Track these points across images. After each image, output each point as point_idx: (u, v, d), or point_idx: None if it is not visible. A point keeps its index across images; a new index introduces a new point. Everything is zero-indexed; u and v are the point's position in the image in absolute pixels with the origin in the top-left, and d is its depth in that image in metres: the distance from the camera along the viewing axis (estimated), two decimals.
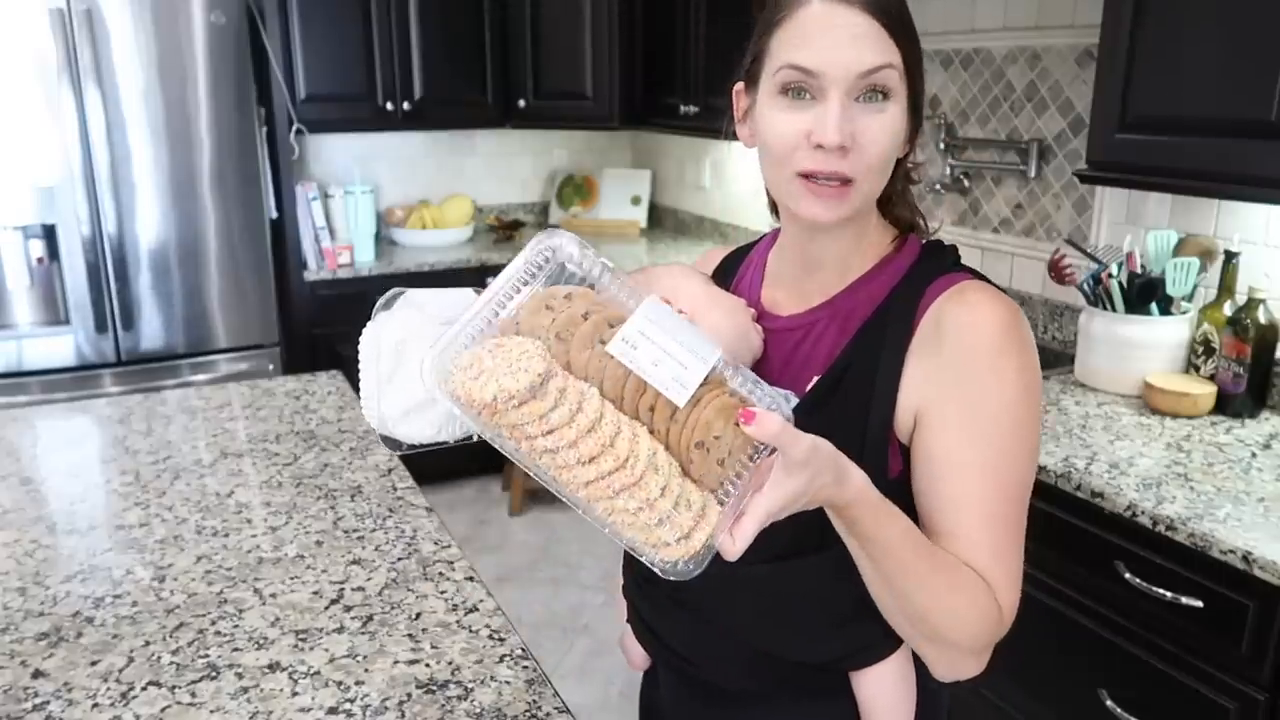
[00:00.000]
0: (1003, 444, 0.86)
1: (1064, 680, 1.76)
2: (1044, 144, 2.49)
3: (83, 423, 2.01)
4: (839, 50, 0.82)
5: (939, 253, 0.95)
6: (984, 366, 0.86)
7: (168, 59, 3.06)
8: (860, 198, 0.87)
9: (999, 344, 0.86)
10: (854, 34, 0.82)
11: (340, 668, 1.13)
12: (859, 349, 0.90)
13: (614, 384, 0.73)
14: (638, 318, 0.72)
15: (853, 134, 0.83)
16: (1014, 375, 0.86)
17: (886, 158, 0.86)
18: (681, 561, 0.72)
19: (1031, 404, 0.87)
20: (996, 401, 0.85)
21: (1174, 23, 1.76)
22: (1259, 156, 1.64)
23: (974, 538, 0.85)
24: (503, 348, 0.72)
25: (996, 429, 0.85)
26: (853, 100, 0.83)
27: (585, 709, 2.62)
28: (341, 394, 2.15)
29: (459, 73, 3.81)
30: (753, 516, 0.71)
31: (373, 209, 3.82)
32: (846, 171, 0.84)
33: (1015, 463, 0.86)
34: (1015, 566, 0.88)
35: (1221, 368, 1.94)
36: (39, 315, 3.11)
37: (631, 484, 0.70)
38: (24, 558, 1.40)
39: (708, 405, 0.72)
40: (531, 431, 0.70)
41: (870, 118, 0.84)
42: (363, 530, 1.49)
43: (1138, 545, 1.59)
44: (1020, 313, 0.89)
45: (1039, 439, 0.89)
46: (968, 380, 0.86)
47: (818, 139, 0.83)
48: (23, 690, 1.09)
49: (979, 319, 0.87)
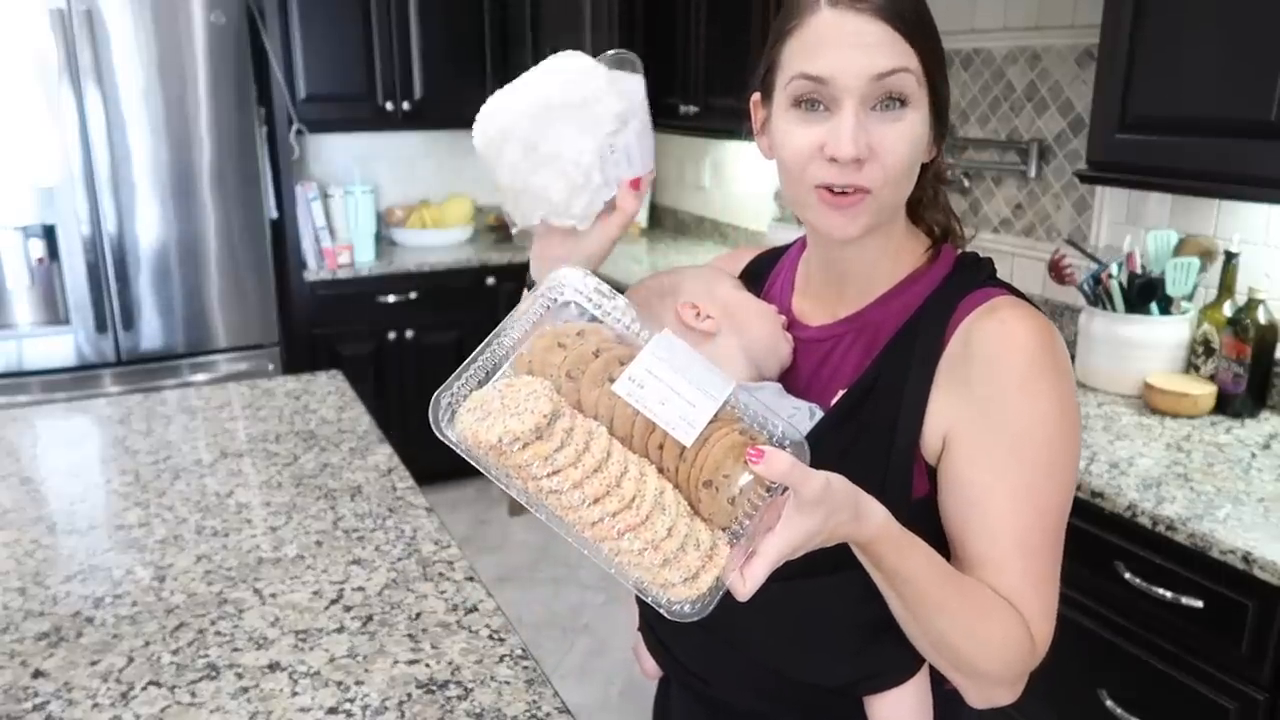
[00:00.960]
0: (1035, 470, 0.83)
1: (1064, 680, 1.76)
2: (1044, 144, 2.49)
3: (83, 423, 2.01)
4: (851, 57, 0.79)
5: (973, 266, 0.91)
6: (1014, 389, 0.82)
7: (168, 59, 3.06)
8: (880, 209, 0.84)
9: (1031, 365, 0.83)
10: (866, 40, 0.79)
11: (340, 668, 1.13)
12: (887, 363, 0.87)
13: (623, 423, 0.72)
14: (645, 355, 0.71)
15: (869, 145, 0.80)
16: (1047, 397, 0.83)
17: (906, 167, 0.83)
18: (688, 603, 0.71)
19: (1067, 426, 0.84)
20: (1028, 425, 0.82)
21: (1174, 23, 1.76)
22: (1259, 156, 1.64)
23: (1007, 566, 0.83)
24: (512, 388, 0.72)
25: (1029, 454, 0.83)
26: (869, 109, 0.81)
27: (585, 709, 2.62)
28: (341, 394, 2.15)
29: (459, 73, 3.81)
30: (764, 557, 0.69)
31: (373, 209, 3.82)
32: (864, 183, 0.82)
33: (1050, 488, 0.83)
34: (1050, 595, 0.85)
35: (1221, 368, 1.94)
36: (39, 315, 3.11)
37: (637, 524, 0.69)
38: (24, 558, 1.40)
39: (716, 444, 0.70)
40: (537, 472, 0.69)
41: (888, 127, 0.81)
42: (363, 530, 1.49)
43: (1138, 545, 1.59)
44: (1054, 331, 0.86)
45: (1077, 461, 0.86)
46: (997, 404, 0.83)
47: (831, 151, 0.80)
48: (23, 690, 1.09)
49: (1010, 339, 0.83)
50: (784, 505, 0.70)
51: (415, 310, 3.70)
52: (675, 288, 0.95)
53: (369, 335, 3.65)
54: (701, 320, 0.92)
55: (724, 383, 0.71)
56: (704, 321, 0.92)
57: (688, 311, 0.92)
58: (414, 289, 3.68)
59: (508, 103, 0.87)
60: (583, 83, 0.86)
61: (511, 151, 0.86)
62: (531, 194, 0.87)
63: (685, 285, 0.95)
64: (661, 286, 0.96)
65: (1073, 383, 0.86)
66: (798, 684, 0.96)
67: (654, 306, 0.95)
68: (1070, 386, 0.85)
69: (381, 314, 3.64)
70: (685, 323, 0.92)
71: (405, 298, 3.67)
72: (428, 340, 3.72)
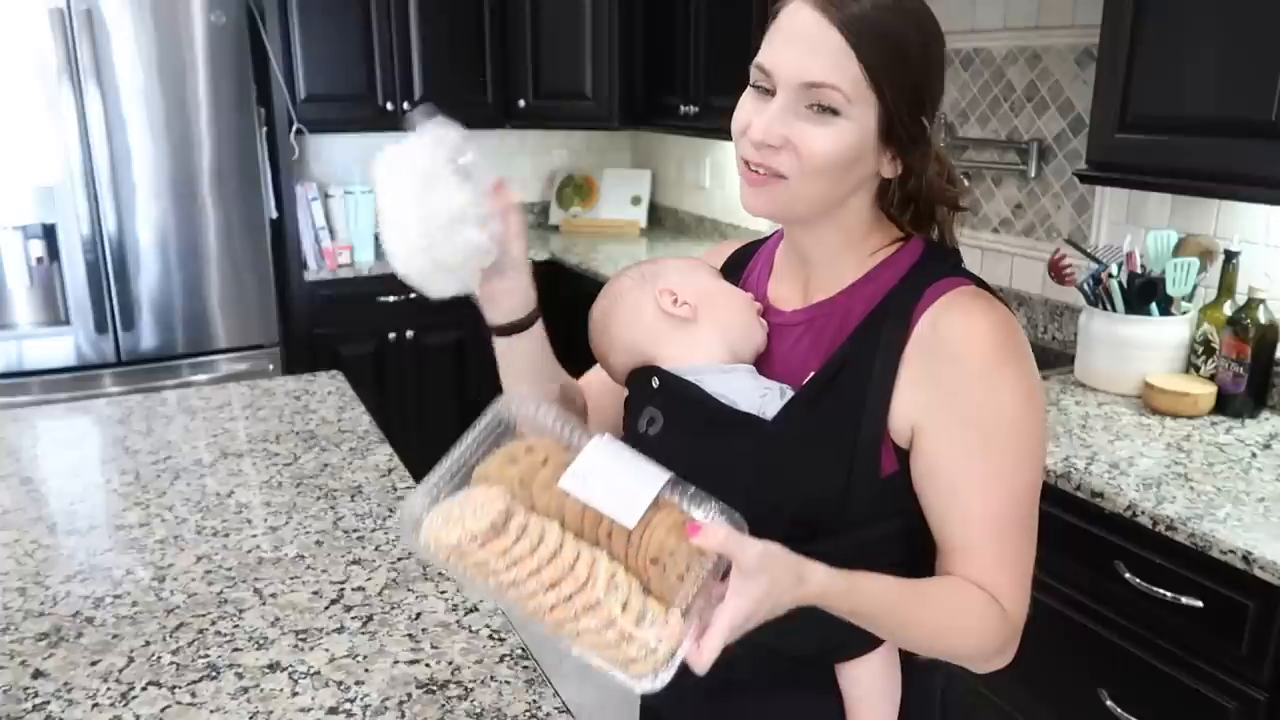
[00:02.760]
0: (1004, 456, 0.87)
1: (1064, 680, 1.76)
2: (1044, 144, 2.49)
3: (83, 423, 2.01)
4: (792, 56, 0.84)
5: (940, 256, 0.95)
6: (976, 378, 0.86)
7: (168, 59, 3.06)
8: (793, 198, 0.88)
9: (994, 355, 0.86)
10: (815, 45, 0.83)
11: (340, 668, 1.13)
12: (855, 347, 0.91)
13: (574, 517, 0.78)
14: (588, 453, 0.79)
15: (786, 136, 0.85)
16: (1011, 387, 0.86)
17: (824, 166, 0.86)
18: (648, 678, 0.75)
19: (1031, 411, 0.88)
20: (993, 413, 0.86)
21: (1174, 23, 1.76)
22: (1259, 156, 1.64)
23: (981, 550, 0.88)
24: (470, 497, 0.79)
25: (998, 442, 0.86)
26: (803, 106, 0.85)
27: (585, 709, 2.61)
28: (341, 394, 2.15)
29: (459, 73, 3.81)
30: (717, 628, 0.73)
31: (373, 209, 3.81)
32: (777, 168, 0.86)
33: (1019, 472, 0.88)
34: (1022, 572, 0.90)
35: (1221, 368, 1.94)
36: (39, 315, 3.11)
37: (593, 604, 0.74)
38: (24, 558, 1.40)
39: (659, 525, 0.76)
40: (497, 567, 0.75)
41: (813, 127, 0.85)
42: (363, 530, 1.49)
43: (1138, 545, 1.59)
44: (1014, 321, 0.90)
45: (1043, 444, 0.90)
46: (962, 393, 0.86)
47: (743, 128, 0.88)
48: (23, 690, 1.09)
49: (972, 329, 0.87)
50: (730, 578, 0.74)
51: (415, 310, 3.69)
52: (655, 275, 1.00)
53: (369, 335, 3.65)
54: (678, 306, 0.97)
55: (658, 472, 0.79)
56: (680, 308, 0.97)
57: (665, 298, 0.97)
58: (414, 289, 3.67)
59: (393, 213, 0.92)
60: (411, 160, 0.90)
61: (407, 249, 0.91)
62: (435, 271, 0.92)
63: (664, 273, 0.99)
64: (643, 273, 1.01)
65: (1033, 367, 0.90)
66: (771, 652, 0.97)
67: (634, 293, 0.99)
68: (1030, 369, 0.89)
69: (381, 314, 3.64)
70: (663, 309, 0.97)
71: (405, 298, 3.67)
72: (428, 340, 3.72)
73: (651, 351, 0.97)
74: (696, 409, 0.92)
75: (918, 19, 0.86)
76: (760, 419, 0.89)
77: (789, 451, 0.88)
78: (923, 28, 0.87)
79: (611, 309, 1.01)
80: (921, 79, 0.87)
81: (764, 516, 0.80)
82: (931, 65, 0.88)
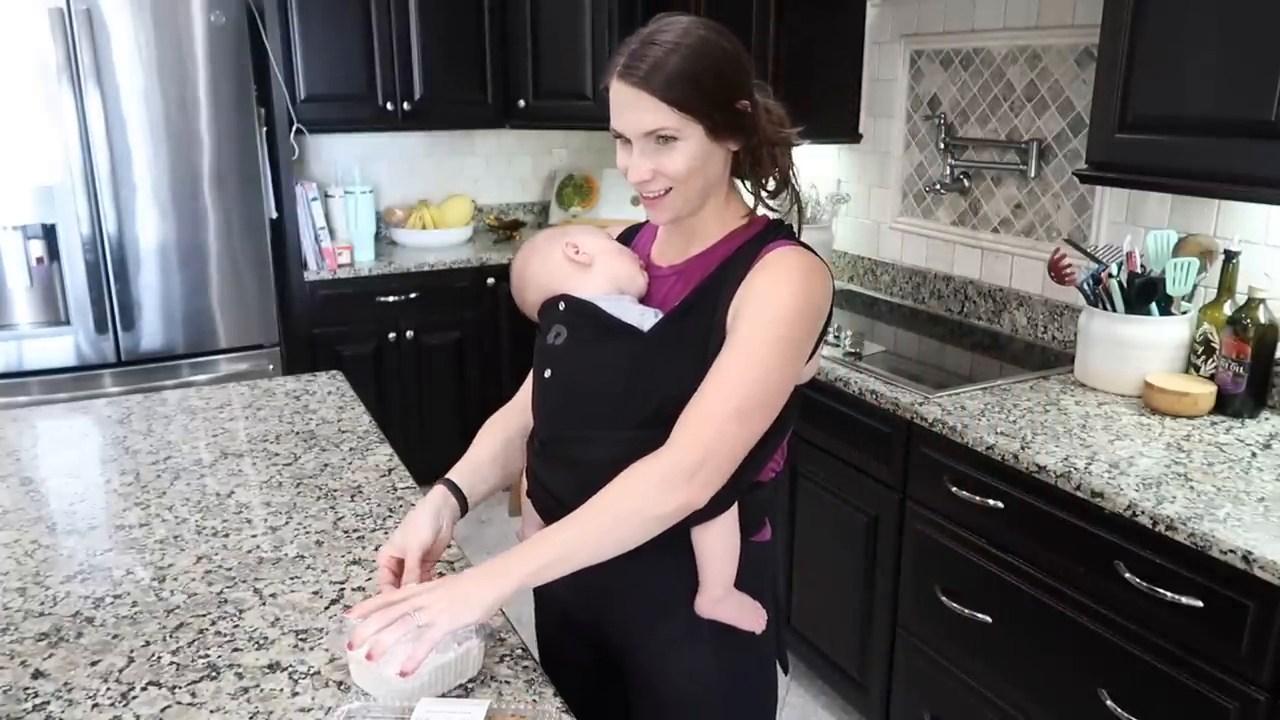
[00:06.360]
0: (765, 342, 1.11)
1: (1064, 680, 1.76)
2: (1044, 144, 2.49)
3: (83, 423, 2.01)
4: (629, 118, 1.14)
5: (776, 228, 1.23)
6: (770, 287, 1.14)
7: (168, 59, 3.06)
8: (682, 200, 1.18)
9: (789, 274, 1.14)
10: (637, 106, 1.12)
11: (340, 668, 1.13)
12: (711, 283, 1.19)
13: None
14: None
15: (653, 169, 1.15)
16: (792, 295, 1.13)
17: (686, 173, 1.15)
18: None
19: (800, 321, 1.13)
20: (770, 308, 1.12)
21: (1174, 23, 1.76)
22: (1259, 156, 1.64)
23: (698, 396, 1.12)
24: None
25: (763, 328, 1.12)
26: (652, 142, 1.14)
27: None
28: (341, 394, 2.15)
29: (459, 73, 3.81)
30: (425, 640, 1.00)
31: (373, 209, 3.82)
32: (659, 189, 1.17)
33: (766, 356, 1.11)
34: (707, 426, 1.09)
35: (1221, 368, 1.94)
36: (39, 315, 3.11)
37: None
38: (24, 558, 1.40)
39: None
40: None
41: (665, 154, 1.14)
42: (363, 530, 1.49)
43: (1138, 545, 1.59)
44: (821, 266, 1.17)
45: (802, 355, 1.15)
46: (758, 297, 1.14)
47: (624, 171, 1.18)
48: (23, 690, 1.09)
49: (786, 258, 1.16)
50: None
51: (415, 310, 3.69)
52: (563, 234, 1.30)
53: (369, 335, 3.65)
54: (580, 255, 1.26)
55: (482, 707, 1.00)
56: (581, 256, 1.26)
57: (570, 249, 1.27)
58: (414, 289, 3.67)
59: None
60: None
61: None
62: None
63: (570, 233, 1.30)
64: (552, 234, 1.31)
65: (818, 298, 1.15)
66: None
67: (546, 247, 1.29)
68: (812, 296, 1.14)
69: (381, 314, 3.64)
70: (568, 257, 1.26)
71: (405, 298, 3.67)
72: (428, 340, 3.72)
73: (558, 288, 1.27)
74: (592, 321, 1.21)
75: (703, 46, 1.12)
76: (639, 330, 1.18)
77: (659, 355, 1.17)
78: (709, 53, 1.12)
79: (529, 257, 1.31)
80: (723, 85, 1.13)
81: (638, 405, 1.15)
82: (731, 72, 1.14)
